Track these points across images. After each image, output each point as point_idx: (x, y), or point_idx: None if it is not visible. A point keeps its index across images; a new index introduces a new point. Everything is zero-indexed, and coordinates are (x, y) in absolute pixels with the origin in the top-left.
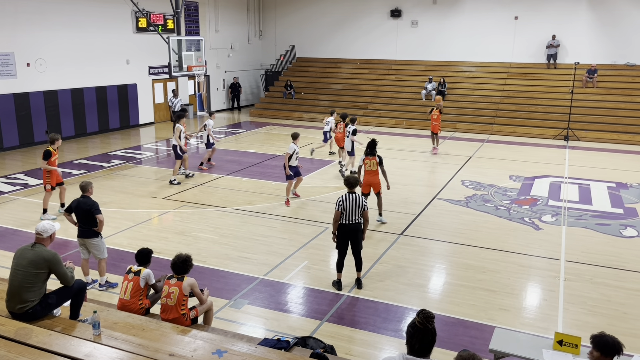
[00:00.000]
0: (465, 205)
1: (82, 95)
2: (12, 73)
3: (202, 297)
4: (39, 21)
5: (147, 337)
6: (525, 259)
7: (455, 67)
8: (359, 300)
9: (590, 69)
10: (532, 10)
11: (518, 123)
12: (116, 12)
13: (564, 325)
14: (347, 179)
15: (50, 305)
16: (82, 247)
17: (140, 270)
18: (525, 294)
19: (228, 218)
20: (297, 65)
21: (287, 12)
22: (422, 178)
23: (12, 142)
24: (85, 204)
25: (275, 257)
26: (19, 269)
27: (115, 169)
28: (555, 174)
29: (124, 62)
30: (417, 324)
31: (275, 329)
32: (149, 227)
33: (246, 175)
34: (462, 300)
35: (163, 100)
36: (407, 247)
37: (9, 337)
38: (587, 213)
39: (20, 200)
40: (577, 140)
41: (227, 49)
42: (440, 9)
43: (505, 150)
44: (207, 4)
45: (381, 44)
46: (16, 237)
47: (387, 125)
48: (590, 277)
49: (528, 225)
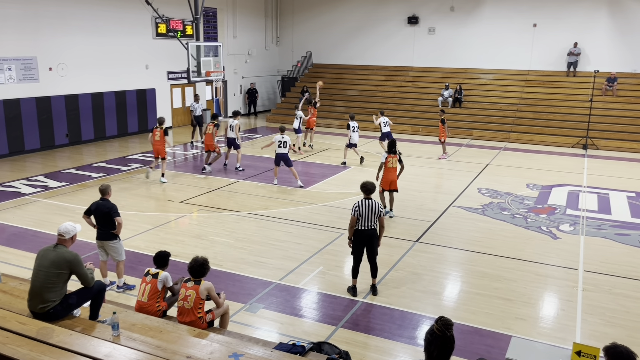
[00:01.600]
0: (482, 213)
1: (102, 99)
2: (34, 77)
3: (218, 301)
4: (60, 26)
5: (164, 339)
6: (542, 268)
7: (473, 75)
8: (374, 307)
9: (610, 77)
10: (551, 18)
11: (536, 131)
12: (136, 18)
13: (581, 336)
14: (364, 184)
15: (71, 306)
16: (101, 249)
17: (158, 272)
18: (542, 303)
19: (244, 222)
20: (314, 72)
21: (304, 18)
22: (438, 185)
23: (34, 145)
24: (104, 207)
25: (290, 262)
26: (41, 269)
27: (133, 172)
28: (574, 183)
29: (143, 67)
30: (435, 331)
31: (291, 334)
32: (166, 230)
33: (262, 180)
34: (478, 309)
35: (181, 105)
36: (422, 254)
37: (31, 336)
38: (606, 223)
39: (40, 202)
40: (596, 148)
41: (245, 54)
42: (458, 16)
43: (522, 158)
44: (225, 10)
45: (398, 51)
46: (37, 238)
47: (403, 132)
48: (609, 287)
49: (545, 234)
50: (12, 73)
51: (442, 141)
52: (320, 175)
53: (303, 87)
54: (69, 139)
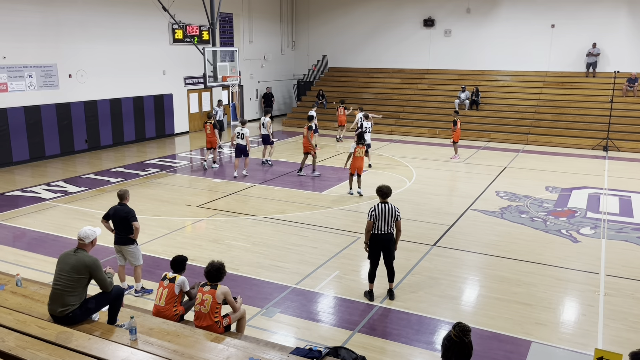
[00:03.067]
0: (500, 216)
1: (120, 105)
2: (54, 84)
3: (235, 305)
4: (80, 34)
5: (181, 343)
6: (563, 273)
7: (490, 76)
8: (391, 312)
9: (630, 78)
10: (570, 18)
11: (554, 133)
12: (153, 24)
13: (603, 342)
14: (379, 188)
15: (90, 310)
16: (119, 253)
17: (175, 277)
18: (562, 308)
19: (260, 226)
20: (330, 75)
21: (319, 22)
22: (455, 188)
23: (54, 151)
24: (122, 211)
25: (306, 266)
26: (62, 273)
27: (151, 177)
28: (594, 185)
29: (160, 73)
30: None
31: (307, 339)
32: (183, 234)
33: (278, 184)
34: (497, 314)
35: (198, 110)
36: (440, 258)
37: (51, 341)
38: (628, 226)
39: (61, 207)
40: (617, 150)
41: (261, 59)
42: (474, 17)
43: (541, 161)
44: (241, 16)
45: (414, 54)
46: (57, 243)
47: (419, 135)
48: (632, 292)
49: (565, 238)
50: (32, 80)
51: (454, 142)
52: (336, 179)
53: (319, 90)
54: (88, 145)
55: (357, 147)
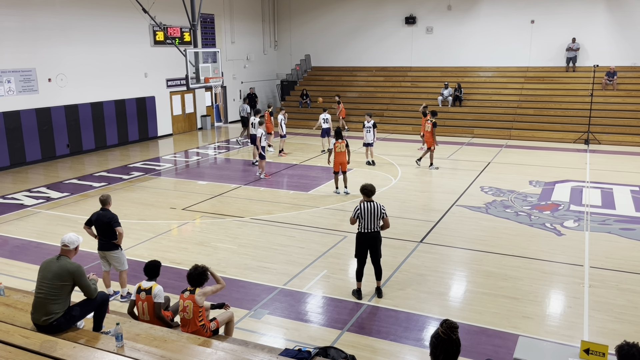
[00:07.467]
0: (485, 211)
1: (102, 108)
2: (34, 88)
3: (217, 277)
4: (58, 37)
5: (169, 348)
6: (548, 266)
7: (472, 73)
8: (379, 310)
9: (609, 72)
10: (549, 13)
11: (537, 127)
12: (134, 26)
13: (589, 333)
14: (363, 187)
15: (74, 318)
16: (103, 259)
17: (151, 288)
18: (548, 301)
19: (247, 228)
20: (313, 75)
21: (301, 22)
22: (440, 185)
23: (35, 156)
24: (105, 217)
25: (294, 266)
26: (45, 281)
27: (134, 180)
28: (577, 179)
29: (142, 75)
30: (440, 334)
31: (296, 339)
32: (169, 238)
33: (264, 185)
34: (484, 309)
35: (181, 112)
36: (427, 255)
37: (35, 350)
38: (610, 218)
39: (43, 213)
40: (598, 143)
41: (243, 59)
42: (455, 15)
43: (524, 156)
44: (222, 16)
45: (396, 51)
46: (40, 250)
47: (404, 132)
48: (616, 283)
49: (550, 231)
50: (11, 85)
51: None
52: (322, 178)
53: (302, 90)
54: (70, 149)
55: (337, 143)
